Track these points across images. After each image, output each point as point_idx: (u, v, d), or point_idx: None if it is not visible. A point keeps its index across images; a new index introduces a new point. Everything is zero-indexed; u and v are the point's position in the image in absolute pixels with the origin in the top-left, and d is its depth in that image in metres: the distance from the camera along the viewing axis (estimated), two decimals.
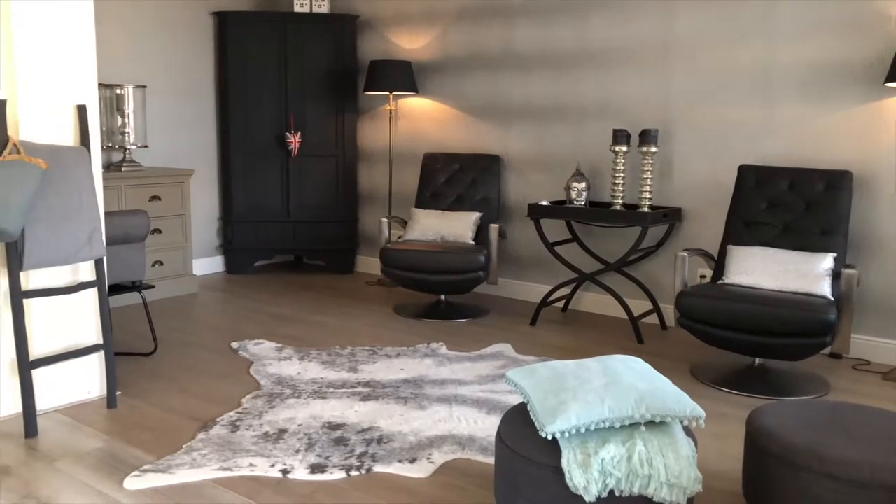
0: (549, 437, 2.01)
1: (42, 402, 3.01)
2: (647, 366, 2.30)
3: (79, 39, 3.03)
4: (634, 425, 2.04)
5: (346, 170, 5.69)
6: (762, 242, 3.69)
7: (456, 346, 3.99)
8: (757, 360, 3.58)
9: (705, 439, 2.86)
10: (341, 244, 5.77)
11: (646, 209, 4.18)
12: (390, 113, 5.48)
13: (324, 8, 5.58)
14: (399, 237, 4.81)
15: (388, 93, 5.25)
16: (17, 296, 2.77)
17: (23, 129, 2.89)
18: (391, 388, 3.32)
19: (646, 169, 4.19)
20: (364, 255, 5.90)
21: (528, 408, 2.14)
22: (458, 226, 4.64)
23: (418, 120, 5.48)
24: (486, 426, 2.92)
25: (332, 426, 2.90)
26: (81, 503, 2.33)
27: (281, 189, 5.66)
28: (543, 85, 4.82)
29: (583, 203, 4.37)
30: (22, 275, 2.87)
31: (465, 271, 4.35)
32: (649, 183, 4.19)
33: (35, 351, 2.95)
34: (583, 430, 2.01)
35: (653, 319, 4.52)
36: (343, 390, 3.29)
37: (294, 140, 5.53)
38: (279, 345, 3.94)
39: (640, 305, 4.51)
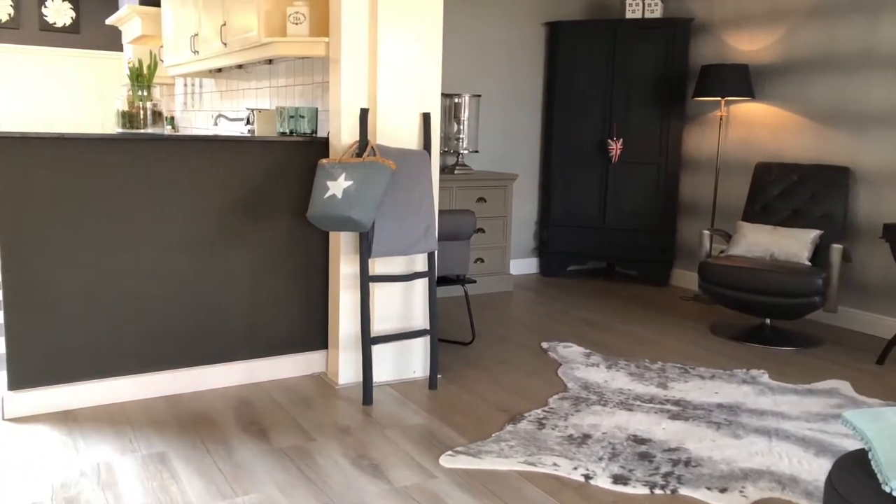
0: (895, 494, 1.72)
1: (377, 375, 3.40)
2: None
3: (428, 56, 3.35)
4: None
5: (667, 178, 5.51)
6: None
7: (780, 376, 3.63)
8: None
9: None
10: (657, 255, 5.60)
11: None
12: (721, 119, 5.16)
13: (656, 12, 5.45)
14: (721, 252, 4.51)
15: (719, 98, 4.96)
16: (366, 279, 3.16)
17: (378, 133, 3.29)
18: (703, 411, 3.13)
19: None
20: (680, 269, 5.65)
21: (869, 456, 1.85)
22: (791, 243, 4.21)
23: (752, 126, 5.09)
24: (814, 468, 2.60)
25: (638, 440, 2.82)
26: (403, 471, 2.58)
27: (598, 195, 5.67)
28: None
29: None
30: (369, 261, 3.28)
31: (798, 295, 3.92)
32: None
33: (375, 329, 3.35)
34: None
35: None
36: (651, 405, 3.18)
37: (615, 147, 5.51)
38: (587, 350, 3.95)
39: None
